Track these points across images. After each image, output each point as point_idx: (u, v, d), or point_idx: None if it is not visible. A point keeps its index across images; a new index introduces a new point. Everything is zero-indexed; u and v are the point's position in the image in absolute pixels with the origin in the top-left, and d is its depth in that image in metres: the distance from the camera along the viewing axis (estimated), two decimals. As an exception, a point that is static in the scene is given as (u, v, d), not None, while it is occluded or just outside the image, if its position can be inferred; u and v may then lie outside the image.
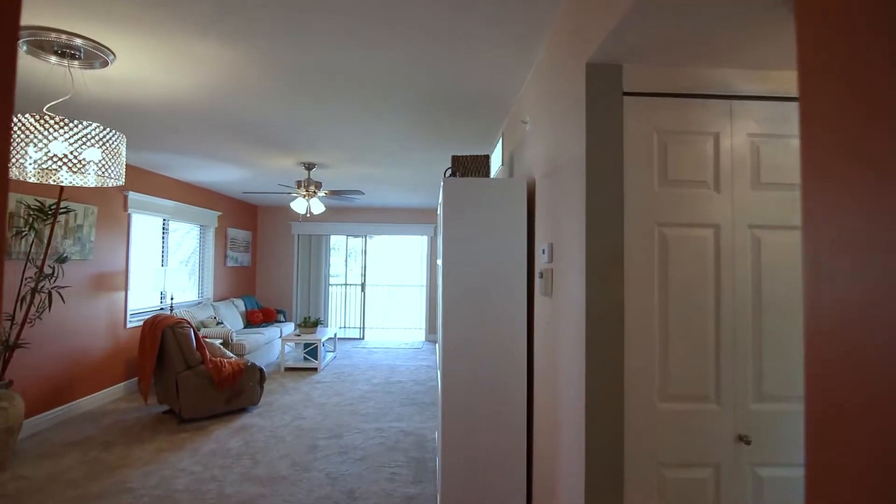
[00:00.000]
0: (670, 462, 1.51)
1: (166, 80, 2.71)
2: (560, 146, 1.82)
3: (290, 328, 7.52)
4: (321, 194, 5.00)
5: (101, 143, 2.32)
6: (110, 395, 4.80)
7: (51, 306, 3.46)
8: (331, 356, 6.92)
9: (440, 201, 2.80)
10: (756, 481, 1.51)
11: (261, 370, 4.62)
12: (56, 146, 2.19)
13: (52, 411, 4.07)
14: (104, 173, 2.36)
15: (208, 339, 5.49)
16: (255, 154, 4.48)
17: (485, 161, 2.77)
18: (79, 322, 4.37)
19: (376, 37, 2.15)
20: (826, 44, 0.44)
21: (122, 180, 2.46)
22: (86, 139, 2.26)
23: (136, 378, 5.09)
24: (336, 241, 9.37)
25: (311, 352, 6.44)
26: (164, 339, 4.19)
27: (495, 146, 3.71)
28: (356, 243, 9.07)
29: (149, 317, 4.38)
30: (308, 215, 5.14)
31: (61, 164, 2.21)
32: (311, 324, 6.40)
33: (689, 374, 1.51)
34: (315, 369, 6.23)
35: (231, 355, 4.71)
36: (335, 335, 7.18)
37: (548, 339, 1.96)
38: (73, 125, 2.21)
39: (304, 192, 4.92)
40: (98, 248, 4.63)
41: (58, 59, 2.36)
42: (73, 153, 2.23)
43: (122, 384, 5.00)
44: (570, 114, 1.69)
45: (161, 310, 5.68)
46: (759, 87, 1.57)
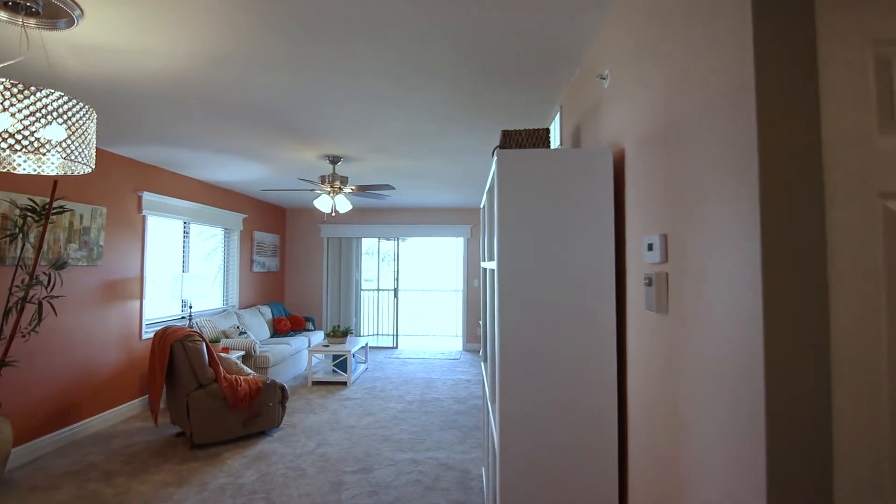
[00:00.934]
0: None
1: (152, 47, 2.22)
2: (684, 86, 1.18)
3: (319, 337, 7.05)
4: (347, 190, 4.48)
5: (64, 117, 1.82)
6: (123, 413, 4.40)
7: (41, 319, 3.04)
8: (362, 368, 6.40)
9: (489, 186, 2.18)
10: None
11: (282, 388, 4.12)
12: (4, 119, 1.70)
13: (54, 434, 3.67)
14: (69, 156, 1.86)
15: (230, 351, 5.06)
16: (273, 146, 3.99)
17: (544, 136, 2.14)
18: (85, 334, 3.98)
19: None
20: None
21: (92, 165, 1.96)
22: (44, 112, 1.76)
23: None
24: (368, 245, 8.90)
25: (341, 364, 5.93)
26: (174, 353, 3.73)
27: (551, 122, 3.07)
28: (388, 246, 8.56)
29: (160, 328, 3.95)
30: (333, 214, 4.63)
31: (10, 143, 1.72)
32: (341, 333, 5.90)
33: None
34: (344, 383, 5.71)
35: (249, 371, 4.23)
36: (366, 345, 6.66)
37: (662, 377, 1.31)
38: (28, 91, 1.71)
39: (329, 189, 4.40)
40: (108, 253, 4.24)
41: (8, 15, 1.88)
42: (25, 129, 1.74)
43: (138, 400, 4.61)
44: (711, 26, 1.05)
45: (182, 319, 5.29)
46: None
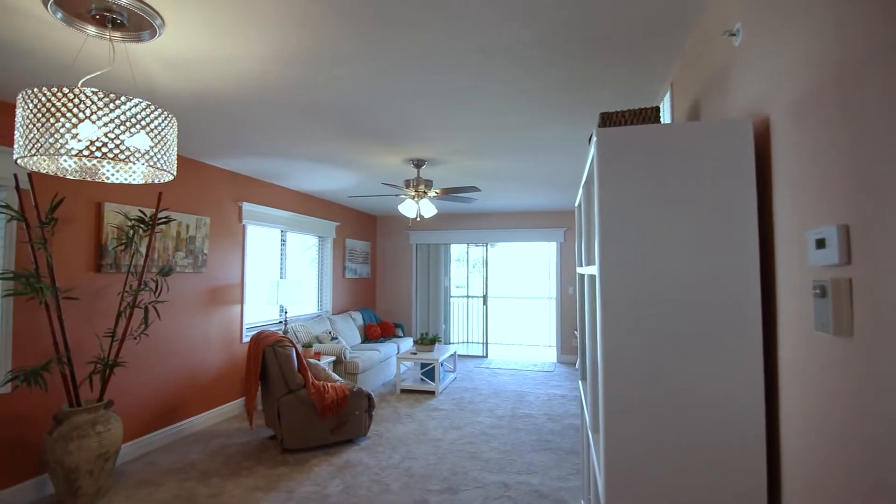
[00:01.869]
0: None
1: (232, 53, 2.20)
2: (873, 11, 0.80)
3: (408, 344, 7.02)
4: (432, 194, 4.33)
5: (148, 126, 1.82)
6: (223, 413, 4.61)
7: (147, 322, 3.22)
8: (451, 377, 6.22)
9: (586, 178, 1.85)
10: None
11: (369, 397, 4.04)
12: (92, 129, 1.73)
13: (161, 431, 3.90)
14: (154, 163, 1.87)
15: (322, 356, 5.14)
16: (358, 151, 3.96)
17: (652, 115, 1.77)
18: (190, 337, 4.22)
19: None
20: None
21: (174, 172, 1.96)
22: (132, 121, 1.77)
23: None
24: (457, 252, 8.77)
25: (429, 372, 5.80)
26: (266, 358, 3.81)
27: (660, 101, 2.65)
28: (477, 252, 8.35)
29: (255, 333, 4.07)
30: (418, 219, 4.51)
31: (104, 153, 1.74)
32: (429, 341, 5.77)
33: None
34: (432, 392, 5.56)
35: (337, 378, 4.22)
36: (455, 353, 6.48)
37: (846, 432, 0.91)
38: (108, 99, 1.72)
39: (414, 193, 4.29)
40: (212, 261, 4.49)
41: (97, 29, 1.94)
42: (115, 138, 1.76)
43: (237, 402, 4.82)
44: None
45: (279, 323, 5.50)
46: None
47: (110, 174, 2.00)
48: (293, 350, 3.85)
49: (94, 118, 1.69)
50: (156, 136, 1.85)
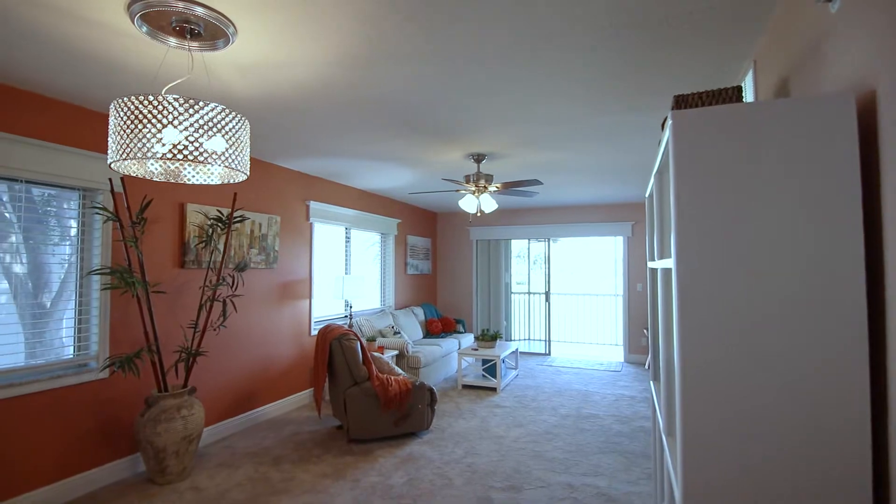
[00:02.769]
0: None
1: (298, 57, 2.28)
2: None
3: (469, 339, 7.02)
4: (492, 189, 4.28)
5: (224, 129, 1.93)
6: (294, 403, 4.83)
7: (226, 315, 3.43)
8: (512, 374, 6.15)
9: (658, 166, 1.74)
10: None
11: (431, 391, 4.08)
12: (174, 134, 1.85)
13: (238, 417, 4.15)
14: (230, 164, 1.97)
15: (385, 350, 5.25)
16: (418, 148, 3.99)
17: (734, 95, 1.63)
18: (264, 330, 4.45)
19: None
20: None
21: (247, 172, 2.05)
22: (209, 125, 1.88)
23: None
24: (518, 248, 8.65)
25: (490, 368, 5.77)
26: (332, 351, 3.94)
27: (742, 79, 2.44)
28: (539, 248, 8.19)
29: (322, 326, 4.22)
30: (479, 214, 4.48)
31: (185, 155, 1.86)
32: (490, 338, 5.74)
33: None
34: (494, 389, 5.53)
35: (400, 372, 4.29)
36: (517, 350, 6.40)
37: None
38: (197, 107, 1.84)
39: (474, 188, 4.26)
40: (282, 257, 4.70)
41: (177, 40, 2.07)
42: (194, 142, 1.87)
43: (307, 392, 5.04)
44: None
45: (344, 317, 5.68)
46: None
47: (191, 175, 2.13)
48: (358, 343, 3.96)
49: (176, 123, 1.81)
50: (231, 139, 1.94)
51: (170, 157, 1.80)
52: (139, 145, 1.79)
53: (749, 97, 2.26)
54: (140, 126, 1.77)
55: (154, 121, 1.77)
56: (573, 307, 9.46)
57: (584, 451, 3.70)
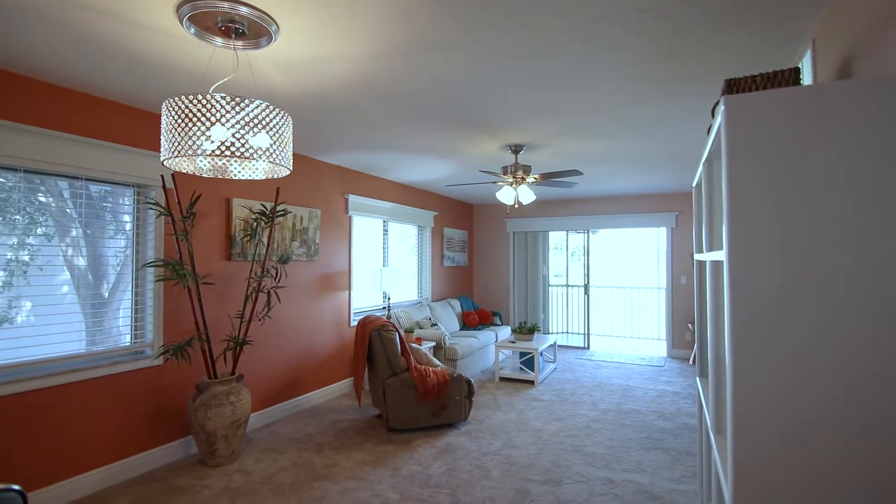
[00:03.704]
0: None
1: (338, 52, 2.30)
2: None
3: (506, 332, 6.99)
4: (530, 180, 4.23)
5: (268, 126, 1.98)
6: (334, 391, 4.96)
7: (270, 306, 3.54)
8: (550, 368, 6.09)
9: (707, 154, 1.67)
10: None
11: (469, 383, 4.09)
12: (222, 131, 1.91)
13: (282, 404, 4.29)
14: (274, 160, 2.02)
15: (422, 342, 5.30)
16: (455, 140, 3.98)
17: (791, 78, 1.54)
18: (306, 320, 4.58)
19: None
20: None
21: (290, 167, 2.10)
22: (254, 122, 1.93)
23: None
24: (555, 239, 8.52)
25: (528, 361, 5.73)
26: (372, 341, 4.01)
27: (799, 61, 2.31)
28: (578, 240, 8.04)
29: (362, 317, 4.30)
30: (516, 206, 4.43)
31: (232, 151, 1.93)
32: (527, 330, 5.69)
33: None
34: (532, 382, 5.49)
35: (438, 363, 4.32)
36: (555, 343, 6.33)
37: None
38: (242, 104, 1.89)
39: (511, 179, 4.21)
40: (322, 249, 4.81)
41: (223, 40, 2.13)
42: (240, 139, 1.93)
43: (347, 381, 5.15)
44: None
45: (382, 309, 5.76)
46: None
47: (237, 171, 2.20)
48: (397, 334, 4.01)
49: (224, 121, 1.86)
50: (275, 135, 1.99)
51: (218, 153, 1.86)
52: (189, 143, 1.86)
53: (807, 79, 2.13)
54: (190, 124, 1.83)
55: (203, 119, 1.83)
56: (613, 300, 9.26)
57: (626, 447, 3.63)
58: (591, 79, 2.66)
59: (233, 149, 1.87)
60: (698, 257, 2.11)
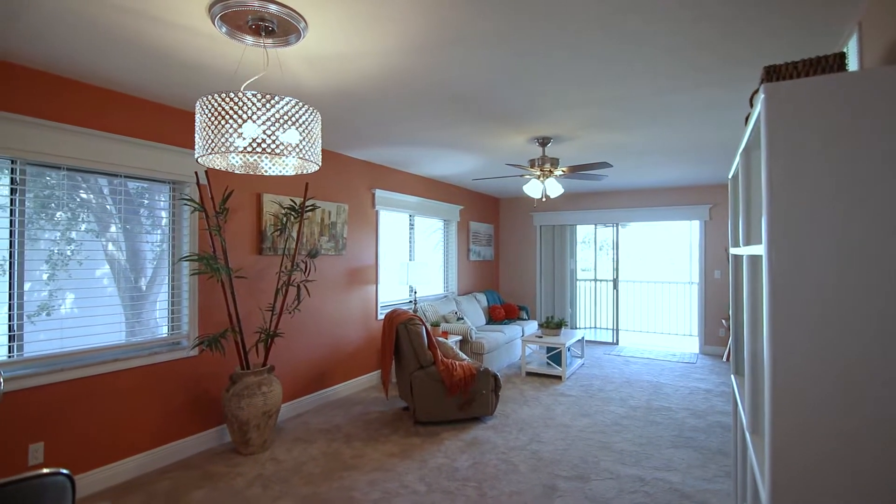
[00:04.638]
0: None
1: (366, 48, 2.31)
2: None
3: (532, 327, 6.94)
4: (558, 173, 4.17)
5: (298, 122, 2.00)
6: (362, 383, 5.03)
7: (299, 299, 3.61)
8: (578, 363, 6.03)
9: (745, 144, 1.61)
10: None
11: (495, 377, 4.09)
12: (253, 128, 1.95)
13: (312, 395, 4.38)
14: (303, 155, 2.05)
15: (449, 336, 5.32)
16: (481, 134, 3.95)
17: (836, 64, 1.47)
18: (335, 313, 4.65)
19: None
20: None
21: (319, 163, 2.13)
22: (284, 118, 1.96)
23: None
24: (583, 233, 8.39)
25: (555, 356, 5.69)
26: (399, 335, 4.05)
27: (844, 46, 2.20)
28: (606, 234, 7.90)
29: (389, 311, 4.34)
30: (544, 199, 4.39)
31: (263, 148, 1.96)
32: (555, 325, 5.64)
33: None
34: (559, 377, 5.44)
35: (464, 357, 4.33)
36: (582, 339, 6.25)
37: None
38: (273, 101, 1.92)
39: (539, 173, 4.17)
40: (350, 244, 4.87)
41: (253, 38, 2.16)
42: (271, 136, 1.96)
43: (374, 373, 5.22)
44: None
45: (409, 303, 5.80)
46: None
47: (268, 167, 2.24)
48: (423, 328, 4.03)
49: (255, 118, 1.90)
50: (304, 131, 2.01)
51: (249, 150, 1.90)
52: (222, 140, 1.90)
53: (853, 66, 2.03)
54: (223, 122, 1.87)
55: (235, 116, 1.87)
56: (643, 295, 9.08)
57: (656, 445, 3.57)
58: (623, 68, 2.60)
59: (264, 145, 1.91)
60: (734, 251, 2.04)
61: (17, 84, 2.54)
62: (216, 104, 1.87)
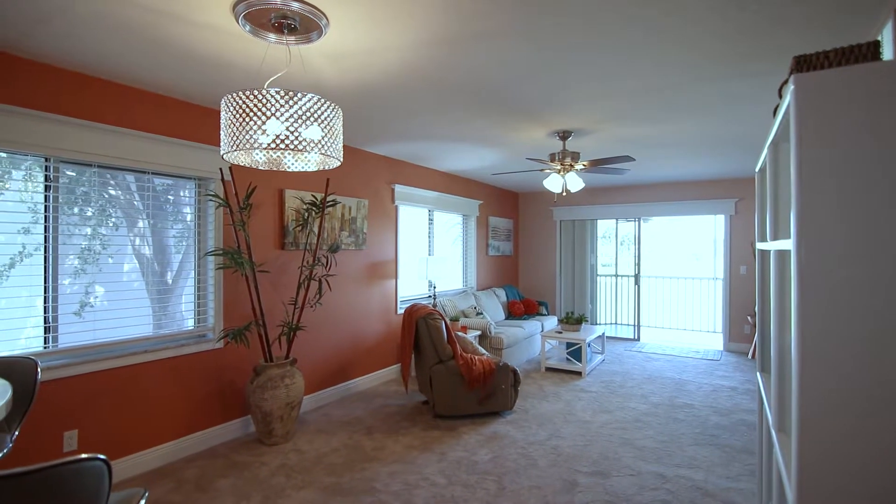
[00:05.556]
0: None
1: (386, 43, 2.32)
2: None
3: (552, 322, 6.91)
4: (579, 167, 4.12)
5: (320, 118, 2.03)
6: (382, 377, 5.08)
7: (321, 293, 3.66)
8: (598, 359, 5.98)
9: (773, 137, 1.57)
10: None
11: (514, 372, 4.09)
12: (276, 125, 1.98)
13: (333, 388, 4.45)
14: (325, 151, 2.07)
15: (468, 330, 5.33)
16: (501, 127, 3.93)
17: (869, 52, 1.41)
18: (355, 307, 4.70)
19: None
20: None
21: (341, 158, 2.15)
22: (307, 115, 1.98)
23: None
24: (604, 228, 8.29)
25: (575, 352, 5.65)
26: (418, 329, 4.07)
27: (878, 34, 2.12)
28: (628, 228, 7.80)
29: (408, 305, 4.37)
30: (564, 194, 4.34)
31: (286, 144, 1.99)
32: (575, 321, 5.60)
33: None
34: (579, 373, 5.41)
35: (483, 352, 4.33)
36: (603, 334, 6.19)
37: None
38: (295, 98, 1.94)
39: (559, 167, 4.13)
40: (370, 239, 4.91)
41: (276, 36, 2.19)
42: (293, 132, 1.99)
43: (394, 367, 5.27)
44: None
45: (428, 297, 5.83)
46: None
47: (291, 163, 2.27)
48: (443, 323, 4.05)
49: (278, 115, 1.93)
50: (326, 127, 2.04)
51: (273, 146, 1.93)
52: (247, 137, 1.93)
53: (888, 55, 1.96)
54: (247, 119, 1.91)
55: (259, 113, 1.90)
56: (665, 291, 8.94)
57: (678, 442, 3.52)
58: (648, 58, 2.55)
59: (287, 142, 1.94)
60: (761, 246, 2.00)
61: (47, 84, 2.63)
62: (241, 101, 1.91)
